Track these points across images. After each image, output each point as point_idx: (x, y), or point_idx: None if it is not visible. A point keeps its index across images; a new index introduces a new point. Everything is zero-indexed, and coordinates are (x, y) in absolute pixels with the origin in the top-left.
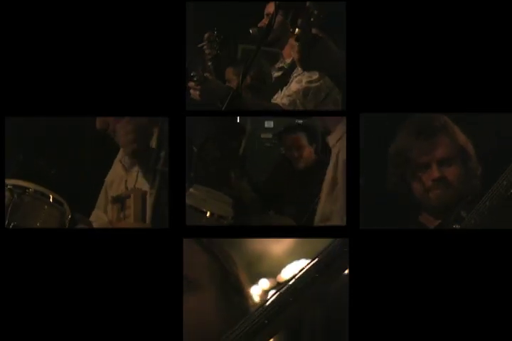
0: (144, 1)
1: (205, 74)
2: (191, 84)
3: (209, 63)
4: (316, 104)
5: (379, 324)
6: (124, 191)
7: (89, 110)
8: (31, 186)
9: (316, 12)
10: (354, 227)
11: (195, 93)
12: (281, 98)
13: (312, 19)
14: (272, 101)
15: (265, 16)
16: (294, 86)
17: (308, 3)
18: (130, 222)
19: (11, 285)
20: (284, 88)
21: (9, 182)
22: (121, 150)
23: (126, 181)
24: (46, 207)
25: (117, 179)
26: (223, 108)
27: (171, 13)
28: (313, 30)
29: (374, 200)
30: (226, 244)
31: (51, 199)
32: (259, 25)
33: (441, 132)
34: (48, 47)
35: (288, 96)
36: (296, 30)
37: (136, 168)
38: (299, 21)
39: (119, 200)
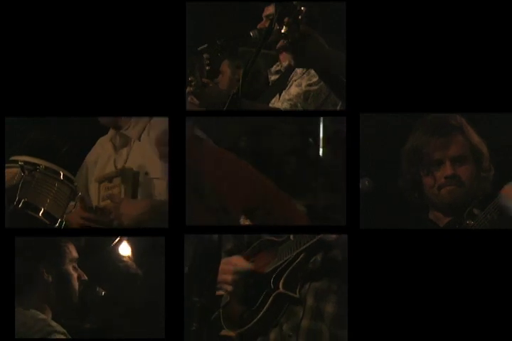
0: (144, 1)
1: (203, 80)
2: (189, 89)
3: (207, 67)
4: (317, 107)
5: (378, 324)
6: (114, 170)
7: (89, 110)
8: (42, 163)
9: (303, 9)
10: (354, 227)
11: (193, 99)
12: (281, 102)
13: (300, 17)
14: (271, 105)
15: (264, 18)
16: (293, 90)
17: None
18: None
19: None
20: (283, 92)
21: (20, 158)
22: (112, 129)
23: (115, 160)
24: (57, 184)
25: (104, 158)
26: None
27: (171, 13)
28: (302, 27)
29: (381, 198)
30: None
31: (62, 177)
32: (258, 26)
33: (457, 131)
34: (48, 49)
35: (288, 100)
36: (284, 28)
37: (126, 148)
38: (286, 19)
39: (108, 179)
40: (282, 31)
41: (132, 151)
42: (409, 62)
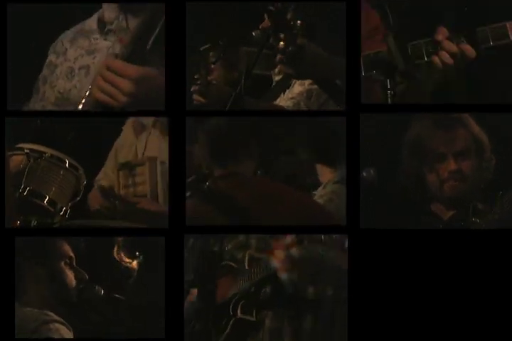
0: (144, 0)
1: (208, 78)
2: (195, 88)
3: (212, 66)
4: (320, 105)
5: (378, 324)
6: (135, 158)
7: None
8: (48, 151)
9: (298, 23)
10: (354, 227)
11: (198, 98)
12: (285, 101)
13: (295, 31)
14: (275, 104)
15: (266, 18)
16: (297, 88)
17: (289, 16)
18: (142, 189)
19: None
20: (287, 91)
21: (26, 146)
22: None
23: (136, 147)
24: (62, 171)
25: (127, 144)
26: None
27: (171, 13)
28: (298, 41)
29: (382, 198)
30: None
31: (67, 165)
32: (260, 27)
33: (459, 123)
34: None
35: (291, 98)
36: (280, 43)
37: (145, 134)
38: (282, 35)
39: (128, 167)
40: (279, 46)
41: (150, 137)
42: None
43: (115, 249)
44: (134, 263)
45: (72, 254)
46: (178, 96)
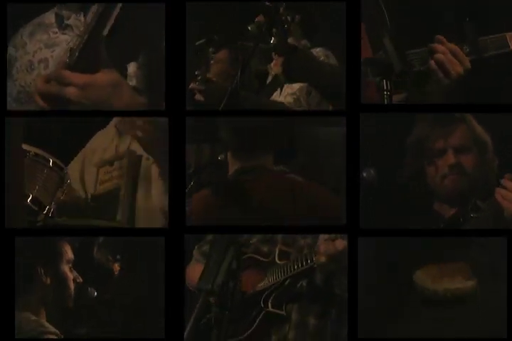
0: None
1: (207, 76)
2: (193, 85)
3: (211, 62)
4: (320, 101)
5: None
6: (115, 154)
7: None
8: (32, 149)
9: (289, 18)
10: (354, 227)
11: (198, 95)
12: (284, 97)
13: (286, 26)
14: (272, 99)
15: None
16: (296, 84)
17: (281, 10)
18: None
19: None
20: (285, 86)
21: None
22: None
23: (117, 146)
24: (46, 170)
25: (105, 144)
26: (221, 107)
27: (171, 12)
28: (290, 40)
29: (382, 197)
30: None
31: (51, 164)
32: (256, 20)
33: (460, 120)
34: None
35: (292, 94)
36: (272, 39)
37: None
38: (274, 30)
39: (108, 163)
40: (271, 42)
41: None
42: None
43: (95, 248)
44: (115, 263)
45: (72, 256)
46: (178, 96)
